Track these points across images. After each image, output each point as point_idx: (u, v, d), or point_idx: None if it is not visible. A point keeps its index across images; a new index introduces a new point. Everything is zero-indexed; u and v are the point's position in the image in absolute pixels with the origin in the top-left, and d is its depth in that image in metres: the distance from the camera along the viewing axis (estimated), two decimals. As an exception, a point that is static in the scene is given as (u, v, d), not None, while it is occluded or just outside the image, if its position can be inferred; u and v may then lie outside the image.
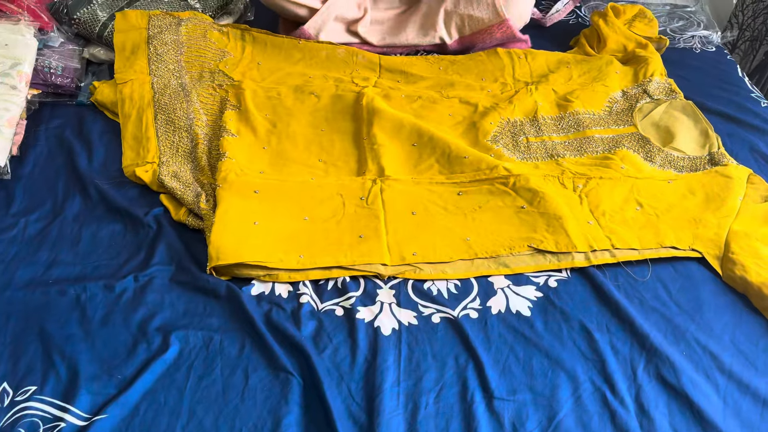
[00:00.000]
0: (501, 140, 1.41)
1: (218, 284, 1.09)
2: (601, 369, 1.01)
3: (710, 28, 1.84)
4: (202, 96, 1.46)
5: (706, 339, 1.05)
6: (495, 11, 1.64)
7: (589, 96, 1.53)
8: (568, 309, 1.09)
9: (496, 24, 1.66)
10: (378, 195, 1.25)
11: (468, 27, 1.67)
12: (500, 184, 1.28)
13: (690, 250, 1.18)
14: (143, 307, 1.07)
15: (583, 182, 1.30)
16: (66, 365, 0.98)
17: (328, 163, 1.35)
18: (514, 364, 1.01)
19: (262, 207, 1.21)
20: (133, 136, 1.36)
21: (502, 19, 1.65)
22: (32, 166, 1.32)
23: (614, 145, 1.40)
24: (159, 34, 1.54)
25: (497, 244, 1.17)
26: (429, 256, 1.15)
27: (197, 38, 1.57)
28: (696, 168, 1.36)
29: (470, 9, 1.64)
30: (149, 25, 1.55)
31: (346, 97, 1.48)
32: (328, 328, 1.05)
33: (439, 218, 1.22)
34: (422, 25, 1.69)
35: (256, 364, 0.99)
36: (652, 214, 1.24)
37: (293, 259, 1.12)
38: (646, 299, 1.11)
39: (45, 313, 1.05)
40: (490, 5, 1.64)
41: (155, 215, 1.22)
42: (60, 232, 1.19)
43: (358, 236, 1.17)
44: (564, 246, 1.16)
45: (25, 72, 1.33)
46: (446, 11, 1.67)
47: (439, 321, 1.07)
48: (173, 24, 1.57)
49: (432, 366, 1.00)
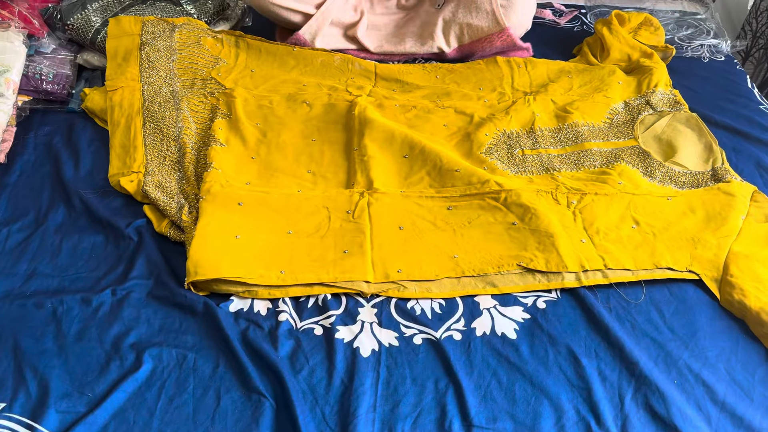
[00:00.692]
0: (495, 152, 1.37)
1: (196, 300, 1.07)
2: (586, 397, 0.96)
3: (720, 36, 1.78)
4: (193, 104, 1.44)
5: (699, 367, 1.01)
6: (495, 20, 1.60)
7: (589, 107, 1.49)
8: (556, 332, 1.05)
9: (496, 32, 1.62)
10: (365, 209, 1.22)
11: (467, 36, 1.64)
12: (491, 199, 1.24)
13: (687, 271, 1.14)
14: (119, 323, 1.05)
15: (577, 198, 1.26)
16: (37, 382, 0.96)
17: (317, 175, 1.32)
18: (496, 390, 0.97)
19: (245, 220, 1.19)
20: (121, 145, 1.35)
21: (502, 28, 1.61)
22: (18, 174, 1.31)
23: (613, 158, 1.36)
24: (152, 41, 1.52)
25: (485, 262, 1.14)
26: (414, 273, 1.12)
27: (190, 45, 1.55)
28: (698, 184, 1.32)
29: (469, 18, 1.61)
30: (142, 32, 1.54)
31: (338, 106, 1.45)
32: (306, 348, 1.02)
33: (427, 234, 1.19)
34: (420, 34, 1.65)
35: (229, 385, 0.97)
36: (649, 232, 1.20)
37: (274, 275, 1.10)
38: (638, 323, 1.07)
39: (20, 326, 1.04)
40: (489, 14, 1.60)
41: (137, 227, 1.20)
42: (41, 243, 1.17)
43: (342, 252, 1.14)
44: (554, 265, 1.12)
45: (12, 79, 1.32)
46: (444, 20, 1.64)
47: (421, 342, 1.04)
48: (167, 30, 1.55)
49: (410, 390, 0.97)
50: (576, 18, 1.89)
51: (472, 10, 1.62)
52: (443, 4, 1.66)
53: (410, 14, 1.73)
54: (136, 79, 1.46)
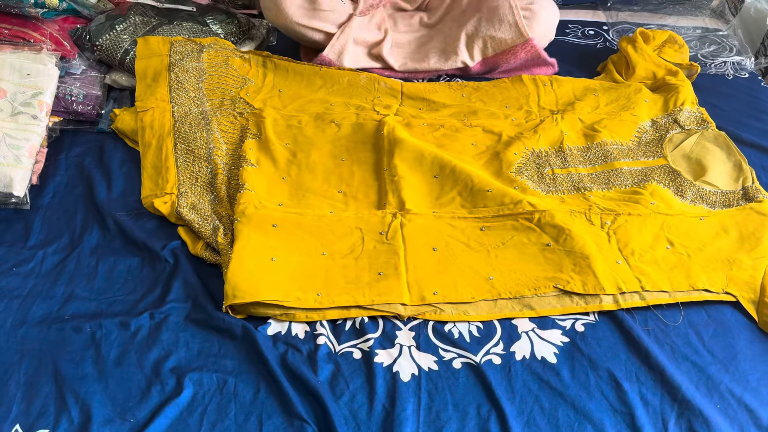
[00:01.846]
0: (525, 172, 1.37)
1: (234, 323, 1.07)
2: (630, 422, 0.96)
3: (743, 53, 1.78)
4: (223, 124, 1.44)
5: (741, 391, 1.00)
6: (518, 31, 1.61)
7: (617, 126, 1.49)
8: (596, 356, 1.04)
9: (519, 44, 1.62)
10: (398, 230, 1.22)
11: (491, 48, 1.64)
12: (525, 220, 1.24)
13: (723, 293, 1.13)
14: (158, 347, 1.05)
15: (611, 219, 1.26)
16: (79, 407, 0.96)
17: (348, 195, 1.32)
18: (539, 416, 0.97)
19: (280, 242, 1.19)
20: (153, 166, 1.35)
21: (526, 39, 1.61)
22: (51, 195, 1.31)
23: (643, 178, 1.36)
24: (180, 61, 1.53)
25: (521, 284, 1.14)
26: (450, 295, 1.12)
27: (219, 65, 1.56)
28: (729, 203, 1.31)
29: (492, 30, 1.61)
30: (171, 52, 1.55)
31: (366, 126, 1.46)
32: (346, 372, 1.02)
33: (461, 255, 1.19)
34: (443, 50, 1.66)
35: (270, 411, 0.96)
36: (684, 253, 1.19)
37: (311, 298, 1.10)
38: (678, 346, 1.07)
39: (60, 350, 1.04)
40: (512, 25, 1.61)
41: (172, 249, 1.20)
42: (77, 265, 1.18)
43: (377, 273, 1.14)
44: (591, 288, 1.12)
45: (45, 102, 1.33)
46: (467, 35, 1.64)
47: (460, 366, 1.03)
48: (195, 50, 1.56)
49: (453, 416, 0.96)
50: (598, 35, 1.89)
51: (495, 22, 1.62)
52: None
53: (433, 31, 1.73)
54: (165, 99, 1.47)
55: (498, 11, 1.61)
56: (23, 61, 1.36)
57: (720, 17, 1.95)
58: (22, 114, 1.30)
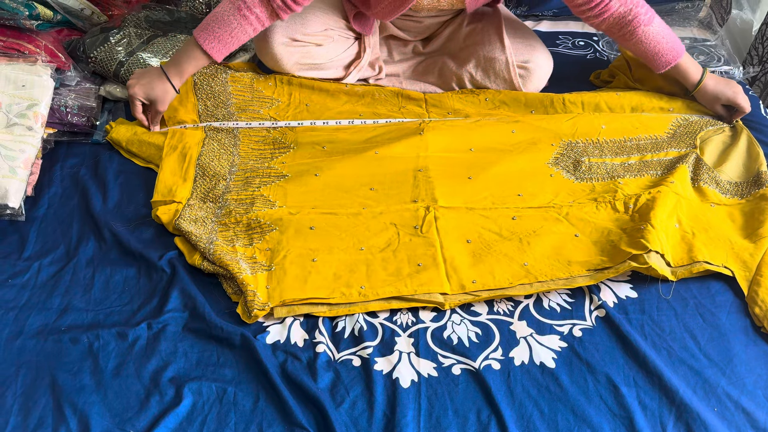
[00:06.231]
0: (562, 162, 1.41)
1: (233, 332, 1.07)
2: (629, 426, 0.97)
3: (731, 62, 1.81)
4: (253, 141, 1.46)
5: (738, 394, 1.01)
6: (511, 87, 1.61)
7: (652, 121, 1.52)
8: (594, 361, 1.05)
9: None
10: (432, 223, 1.25)
11: None
12: (554, 212, 1.29)
13: (723, 267, 1.17)
14: (156, 357, 1.04)
15: (633, 201, 1.30)
16: (77, 418, 0.96)
17: (379, 192, 1.34)
18: (538, 421, 0.97)
19: (319, 243, 1.22)
20: (172, 171, 1.36)
21: None
22: (47, 207, 1.31)
23: (673, 167, 1.39)
24: (203, 82, 1.54)
25: (555, 268, 1.18)
26: (488, 283, 1.15)
27: (245, 89, 1.57)
28: (742, 194, 1.36)
29: (486, 81, 1.60)
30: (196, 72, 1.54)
31: (400, 126, 1.50)
32: (345, 379, 1.02)
33: (494, 245, 1.22)
34: (438, 84, 1.66)
35: (270, 419, 0.96)
36: (689, 232, 1.24)
37: (355, 292, 1.13)
38: (674, 350, 1.08)
39: (57, 362, 1.03)
40: (507, 81, 1.60)
41: (169, 259, 1.20)
42: (73, 276, 1.17)
43: (416, 265, 1.17)
44: (621, 256, 1.17)
45: (41, 113, 1.33)
46: (458, 77, 1.63)
47: (459, 372, 1.04)
48: (220, 72, 1.57)
49: (453, 422, 0.96)
50: (588, 45, 1.92)
51: (490, 74, 1.61)
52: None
53: (428, 61, 1.71)
54: (193, 113, 1.49)
55: (494, 64, 1.59)
56: (18, 73, 1.36)
57: (708, 28, 1.98)
58: (17, 125, 1.30)
